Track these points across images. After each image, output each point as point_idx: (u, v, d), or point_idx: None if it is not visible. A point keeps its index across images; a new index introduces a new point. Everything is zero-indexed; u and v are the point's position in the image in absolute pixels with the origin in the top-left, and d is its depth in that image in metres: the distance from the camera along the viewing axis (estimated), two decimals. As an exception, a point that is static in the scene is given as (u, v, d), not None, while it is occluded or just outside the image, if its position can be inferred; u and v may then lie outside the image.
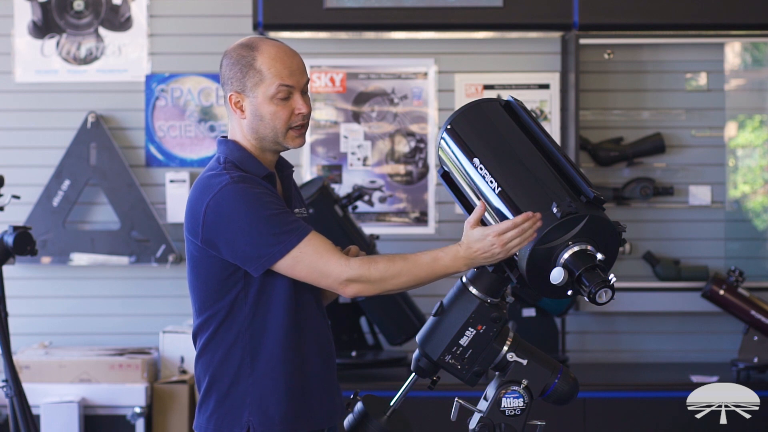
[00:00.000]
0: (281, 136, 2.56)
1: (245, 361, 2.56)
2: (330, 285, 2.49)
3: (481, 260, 2.40)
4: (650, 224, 5.02)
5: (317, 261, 2.47)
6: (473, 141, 2.38)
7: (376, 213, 5.01)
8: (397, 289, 2.48)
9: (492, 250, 2.36)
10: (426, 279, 2.46)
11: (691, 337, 5.02)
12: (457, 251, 2.42)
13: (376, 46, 5.03)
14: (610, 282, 2.14)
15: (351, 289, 2.47)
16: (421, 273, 2.45)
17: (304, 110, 2.55)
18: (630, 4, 4.75)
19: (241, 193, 2.48)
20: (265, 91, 2.53)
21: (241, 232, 2.47)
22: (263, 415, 2.55)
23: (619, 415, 4.40)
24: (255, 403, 2.55)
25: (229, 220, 2.47)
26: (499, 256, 2.36)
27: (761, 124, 5.09)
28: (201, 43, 5.00)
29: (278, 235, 2.46)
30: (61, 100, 4.99)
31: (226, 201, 2.48)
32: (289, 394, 2.56)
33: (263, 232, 2.46)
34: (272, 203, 2.48)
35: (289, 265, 2.48)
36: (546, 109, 4.98)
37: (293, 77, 2.54)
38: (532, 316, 4.70)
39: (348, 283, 2.46)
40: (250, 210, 2.46)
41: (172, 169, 4.98)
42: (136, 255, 4.93)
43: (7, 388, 3.79)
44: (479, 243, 2.38)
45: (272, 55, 2.54)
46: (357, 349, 4.67)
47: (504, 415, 2.28)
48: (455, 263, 2.42)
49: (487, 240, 2.36)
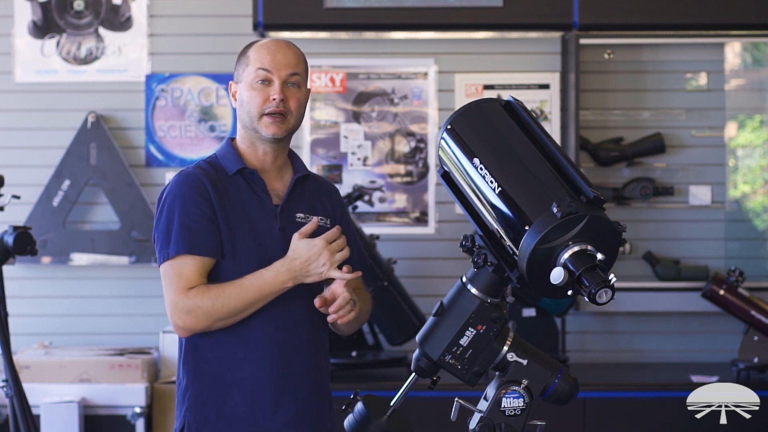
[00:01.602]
0: (255, 121, 2.61)
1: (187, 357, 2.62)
2: (170, 315, 2.54)
3: (305, 273, 2.50)
4: (650, 224, 5.02)
5: (169, 284, 2.54)
6: (473, 141, 2.38)
7: (376, 213, 5.01)
8: (230, 314, 2.52)
9: (319, 260, 2.48)
10: (253, 298, 2.52)
11: (691, 337, 5.02)
12: (281, 264, 2.51)
13: (376, 46, 5.03)
14: (610, 282, 2.13)
15: (184, 320, 2.51)
16: (248, 294, 2.51)
17: (277, 96, 2.58)
18: (630, 4, 4.75)
19: (175, 186, 2.59)
20: (247, 76, 2.62)
21: (156, 222, 2.60)
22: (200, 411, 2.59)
23: (619, 415, 4.40)
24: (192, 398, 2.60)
25: (157, 209, 2.62)
26: (323, 269, 2.49)
27: (761, 124, 5.09)
28: (201, 43, 5.01)
29: (168, 242, 2.55)
30: (61, 100, 5.00)
31: (165, 192, 2.61)
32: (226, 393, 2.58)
33: (165, 230, 2.56)
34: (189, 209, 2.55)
35: (162, 272, 2.58)
36: (546, 109, 4.98)
37: (273, 64, 2.60)
38: (532, 316, 4.70)
39: (181, 313, 2.51)
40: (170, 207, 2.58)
41: (172, 169, 4.98)
42: (136, 255, 4.93)
43: (7, 388, 3.79)
44: (306, 253, 2.49)
45: (262, 45, 2.65)
46: (357, 349, 4.67)
47: (504, 415, 2.28)
48: (278, 277, 2.51)
49: (315, 249, 2.48)
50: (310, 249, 2.49)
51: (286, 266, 2.50)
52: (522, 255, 2.24)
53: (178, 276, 2.53)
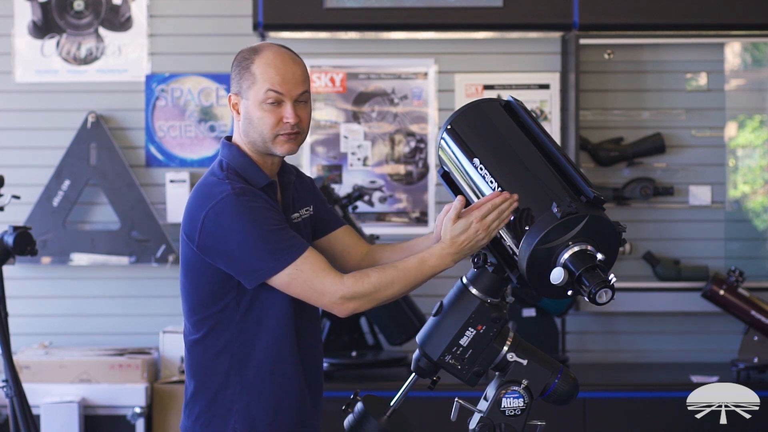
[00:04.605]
0: (269, 141, 2.54)
1: (234, 368, 2.57)
2: (325, 303, 2.48)
3: (467, 250, 2.41)
4: (650, 224, 5.02)
5: (313, 279, 2.46)
6: (473, 141, 2.38)
7: (376, 213, 5.01)
8: (390, 298, 2.49)
9: (477, 237, 2.37)
10: (416, 283, 2.48)
11: (691, 337, 5.02)
12: (443, 248, 2.43)
13: (376, 46, 5.03)
14: (610, 282, 2.14)
15: (347, 307, 2.47)
16: (411, 278, 2.46)
17: (291, 120, 2.52)
18: (630, 4, 4.75)
19: (242, 206, 2.46)
20: (255, 95, 2.52)
21: (237, 245, 2.46)
22: (249, 424, 2.56)
23: (619, 415, 4.40)
24: (241, 411, 2.56)
25: (227, 231, 2.46)
26: (483, 242, 2.38)
27: (761, 124, 5.09)
28: (201, 43, 5.00)
29: (275, 251, 2.45)
30: (61, 100, 5.00)
31: (226, 212, 2.46)
32: (276, 406, 2.56)
33: (260, 247, 2.45)
34: (271, 218, 2.47)
35: (285, 282, 2.47)
36: (546, 109, 4.98)
37: (285, 85, 2.52)
38: (532, 316, 4.70)
39: (344, 301, 2.46)
40: (249, 223, 2.45)
41: (172, 169, 4.98)
42: (136, 255, 4.93)
43: (7, 388, 3.79)
44: (464, 234, 2.38)
45: (268, 60, 2.53)
46: (357, 349, 4.67)
47: (504, 415, 2.28)
48: (442, 261, 2.44)
49: (472, 228, 2.37)
50: (466, 228, 2.39)
51: (449, 247, 2.42)
52: (522, 255, 2.24)
53: (316, 270, 2.46)
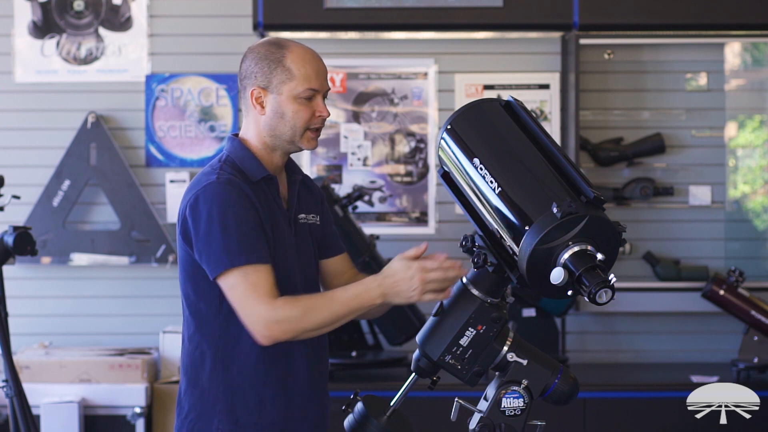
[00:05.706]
0: (299, 135, 2.58)
1: (217, 368, 2.56)
2: (250, 325, 2.46)
3: (394, 295, 2.43)
4: (650, 224, 5.02)
5: (249, 294, 2.46)
6: (473, 141, 2.38)
7: (376, 213, 5.01)
8: (316, 326, 2.47)
9: (410, 285, 2.40)
10: (342, 311, 2.46)
11: (691, 337, 5.02)
12: (374, 279, 2.46)
13: (376, 46, 5.03)
14: (610, 282, 2.13)
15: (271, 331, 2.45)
16: (336, 305, 2.46)
17: (325, 114, 2.59)
18: (630, 4, 4.75)
19: (220, 195, 2.49)
20: (291, 90, 2.56)
21: (205, 231, 2.48)
22: (233, 424, 2.55)
23: (619, 415, 4.40)
24: (224, 411, 2.55)
25: (201, 217, 2.49)
26: (412, 296, 2.41)
27: (761, 124, 5.09)
28: (201, 43, 5.01)
29: (231, 248, 2.46)
30: (61, 100, 5.00)
31: (205, 198, 2.49)
32: (260, 406, 2.56)
33: (221, 239, 2.47)
34: (244, 217, 2.48)
35: (228, 285, 2.48)
36: (546, 109, 4.98)
37: (319, 80, 2.58)
38: (532, 316, 4.70)
39: (269, 324, 2.44)
40: (221, 213, 2.48)
41: (172, 169, 4.98)
42: (136, 255, 4.93)
43: (7, 388, 3.79)
44: (400, 274, 2.41)
45: (302, 56, 2.58)
46: (357, 349, 4.67)
47: (504, 415, 2.28)
48: (368, 292, 2.45)
49: (409, 273, 2.40)
50: (405, 271, 2.42)
51: (378, 282, 2.44)
52: (522, 255, 2.24)
53: (254, 286, 2.45)
